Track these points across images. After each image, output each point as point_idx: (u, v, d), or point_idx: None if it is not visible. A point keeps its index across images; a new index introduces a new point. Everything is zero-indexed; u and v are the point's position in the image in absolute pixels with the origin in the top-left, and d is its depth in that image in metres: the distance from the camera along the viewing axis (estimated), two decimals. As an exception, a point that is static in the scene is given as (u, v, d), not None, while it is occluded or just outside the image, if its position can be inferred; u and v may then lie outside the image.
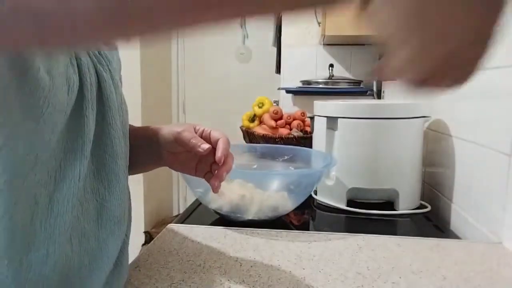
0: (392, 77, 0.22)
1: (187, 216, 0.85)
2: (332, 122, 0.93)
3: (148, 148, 0.56)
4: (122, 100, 0.48)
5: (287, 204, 0.80)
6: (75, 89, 0.36)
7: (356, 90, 1.71)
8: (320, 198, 0.96)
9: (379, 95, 1.54)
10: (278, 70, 2.01)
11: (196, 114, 2.92)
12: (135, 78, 2.35)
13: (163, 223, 2.34)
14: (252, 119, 1.57)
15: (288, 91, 1.86)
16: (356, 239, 0.69)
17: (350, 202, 0.92)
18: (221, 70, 2.83)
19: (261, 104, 1.55)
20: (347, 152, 0.91)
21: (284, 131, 1.42)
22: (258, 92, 1.84)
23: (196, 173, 0.56)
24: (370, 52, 1.82)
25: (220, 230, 0.72)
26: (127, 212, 0.47)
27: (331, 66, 1.79)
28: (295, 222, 0.86)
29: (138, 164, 0.55)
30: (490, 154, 0.71)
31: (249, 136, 1.44)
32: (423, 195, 0.99)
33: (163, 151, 0.55)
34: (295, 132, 1.38)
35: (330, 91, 1.70)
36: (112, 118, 0.43)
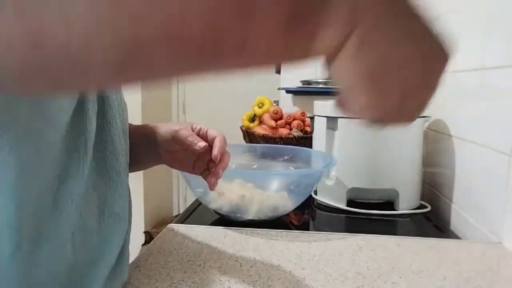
0: (352, 115, 0.26)
1: (187, 216, 0.85)
2: (332, 122, 0.93)
3: (147, 146, 0.57)
4: (121, 98, 0.48)
5: (287, 204, 0.80)
6: None
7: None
8: (320, 198, 0.96)
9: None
10: (278, 70, 2.01)
11: (196, 114, 2.92)
12: (135, 78, 2.35)
13: (163, 223, 2.34)
14: (252, 119, 1.56)
15: (288, 91, 1.86)
16: (356, 239, 0.69)
17: (350, 202, 0.92)
18: (221, 70, 2.83)
19: (261, 104, 1.55)
20: (347, 152, 0.91)
21: (284, 131, 1.42)
22: (258, 92, 1.84)
23: (193, 170, 0.57)
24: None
25: (220, 230, 0.72)
26: (128, 208, 0.48)
27: (331, 66, 1.78)
28: (295, 222, 0.86)
29: (137, 162, 0.56)
30: (490, 154, 0.71)
31: (249, 136, 1.44)
32: (423, 195, 0.99)
33: (161, 149, 0.57)
34: (295, 132, 1.38)
35: (330, 91, 1.70)
36: (112, 117, 0.44)
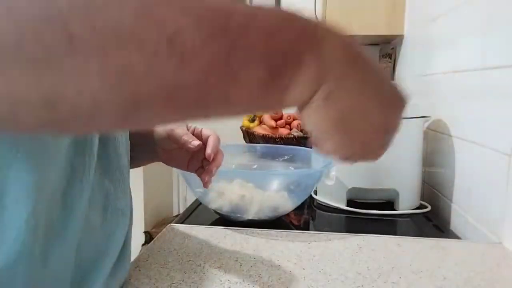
0: (323, 154, 0.31)
1: (187, 216, 0.85)
2: (332, 122, 0.93)
3: (144, 144, 0.59)
4: None
5: (287, 204, 0.80)
6: None
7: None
8: (320, 198, 0.96)
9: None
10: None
11: (196, 114, 2.92)
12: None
13: (163, 223, 2.33)
14: (252, 119, 1.56)
15: (288, 91, 1.86)
16: (356, 239, 0.69)
17: (350, 202, 0.92)
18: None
19: (261, 104, 1.55)
20: (347, 152, 0.91)
21: (284, 131, 1.42)
22: (258, 92, 1.84)
23: (188, 168, 0.60)
24: (370, 52, 1.81)
25: (220, 230, 0.72)
26: (130, 204, 0.49)
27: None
28: (295, 222, 0.86)
29: (134, 159, 0.57)
30: (490, 154, 0.71)
31: (249, 136, 1.44)
32: (423, 195, 0.99)
33: (157, 148, 0.59)
34: (295, 132, 1.38)
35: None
36: None
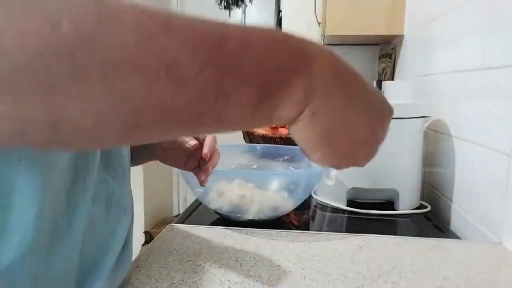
0: (313, 163, 0.33)
1: (187, 216, 0.85)
2: (332, 122, 0.93)
3: (143, 144, 0.59)
4: None
5: (287, 204, 0.80)
6: None
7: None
8: (320, 198, 0.96)
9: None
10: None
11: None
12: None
13: (163, 223, 2.34)
14: (252, 119, 1.56)
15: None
16: (356, 239, 0.69)
17: (350, 202, 0.92)
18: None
19: (261, 104, 1.55)
20: (347, 152, 0.91)
21: (284, 131, 1.42)
22: (258, 92, 1.84)
23: (185, 167, 0.61)
24: (370, 52, 1.81)
25: (220, 230, 0.72)
26: (131, 203, 0.49)
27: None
28: (295, 222, 0.86)
29: (133, 158, 0.58)
30: (490, 154, 0.71)
31: (249, 136, 1.44)
32: (423, 195, 0.99)
33: (155, 147, 0.60)
34: (295, 132, 1.38)
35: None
36: None
